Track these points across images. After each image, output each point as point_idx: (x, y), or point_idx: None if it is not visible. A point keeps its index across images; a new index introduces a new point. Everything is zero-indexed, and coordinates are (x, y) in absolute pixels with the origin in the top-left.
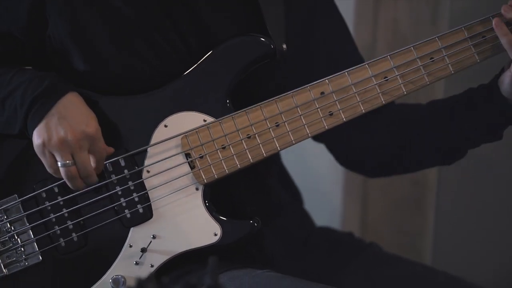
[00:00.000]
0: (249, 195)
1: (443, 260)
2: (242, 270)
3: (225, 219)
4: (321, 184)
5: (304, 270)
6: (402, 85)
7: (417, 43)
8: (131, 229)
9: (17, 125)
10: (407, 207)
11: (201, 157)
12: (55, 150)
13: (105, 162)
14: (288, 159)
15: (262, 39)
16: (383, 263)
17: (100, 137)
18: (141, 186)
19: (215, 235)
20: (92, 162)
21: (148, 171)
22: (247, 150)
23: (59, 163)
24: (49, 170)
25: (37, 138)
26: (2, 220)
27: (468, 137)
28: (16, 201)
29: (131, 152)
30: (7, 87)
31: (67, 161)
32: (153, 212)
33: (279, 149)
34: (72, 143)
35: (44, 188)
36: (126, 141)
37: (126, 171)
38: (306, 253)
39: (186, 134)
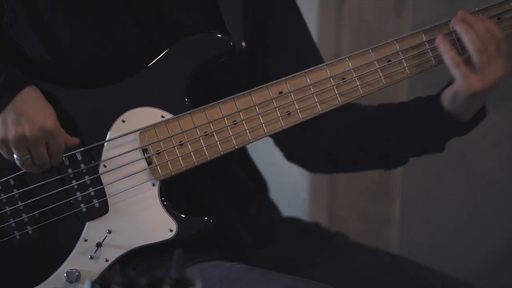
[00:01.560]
0: (215, 187)
1: (410, 248)
2: (211, 262)
3: (181, 215)
4: (288, 173)
5: (272, 261)
6: (359, 86)
7: (376, 45)
8: (87, 223)
9: None
10: (374, 195)
11: (158, 153)
12: (12, 145)
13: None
14: (254, 149)
15: (221, 36)
16: (350, 252)
17: (57, 132)
18: (98, 181)
19: (171, 231)
20: (49, 155)
21: (105, 166)
22: (204, 148)
23: (15, 156)
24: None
25: None
26: None
27: (409, 146)
28: None
29: (87, 147)
30: None
31: (24, 156)
32: (109, 207)
33: (236, 147)
34: (29, 139)
35: None
36: (83, 134)
37: (82, 165)
38: (274, 243)
39: (143, 129)
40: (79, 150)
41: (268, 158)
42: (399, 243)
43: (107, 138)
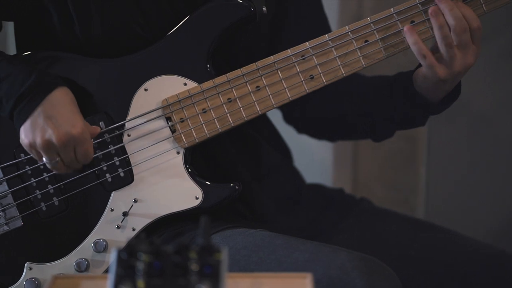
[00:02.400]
0: (239, 155)
1: (435, 215)
2: (236, 229)
3: (206, 182)
4: (311, 141)
5: (296, 228)
6: (382, 48)
7: (397, 7)
8: (112, 193)
9: (4, 113)
10: (399, 162)
11: (182, 121)
12: (41, 150)
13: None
14: (278, 117)
15: (241, 1)
16: (375, 218)
17: (85, 138)
18: (122, 150)
19: (197, 198)
20: (78, 158)
21: (128, 135)
22: (228, 114)
23: (44, 160)
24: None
25: (23, 138)
26: None
27: (391, 120)
28: None
29: (112, 126)
30: None
31: (54, 160)
32: (134, 176)
33: (260, 112)
34: (57, 145)
35: (27, 156)
36: (106, 104)
37: (106, 135)
38: (298, 211)
39: (166, 98)
40: (105, 129)
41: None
42: (425, 210)
43: (130, 107)
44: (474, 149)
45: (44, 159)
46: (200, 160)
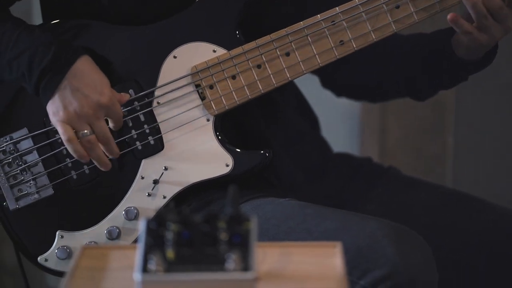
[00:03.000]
0: (267, 123)
1: (463, 184)
2: (264, 199)
3: (236, 149)
4: (338, 110)
5: (324, 197)
6: (414, 13)
7: None
8: (143, 161)
9: (29, 90)
10: (426, 130)
11: (211, 88)
12: (71, 123)
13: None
14: (304, 85)
15: None
16: (403, 187)
17: (114, 102)
18: (152, 118)
19: (227, 165)
20: (110, 126)
21: (158, 103)
22: (257, 81)
23: (78, 134)
24: (64, 141)
25: (52, 113)
26: (13, 153)
27: (433, 77)
28: (27, 134)
29: (141, 93)
30: (13, 48)
31: (85, 131)
32: (164, 144)
33: (289, 79)
34: (88, 114)
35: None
36: (135, 72)
37: (136, 103)
38: (326, 180)
39: (195, 64)
40: (134, 96)
41: (319, 95)
42: (452, 179)
43: (159, 75)
44: (502, 117)
45: (77, 133)
46: (229, 127)
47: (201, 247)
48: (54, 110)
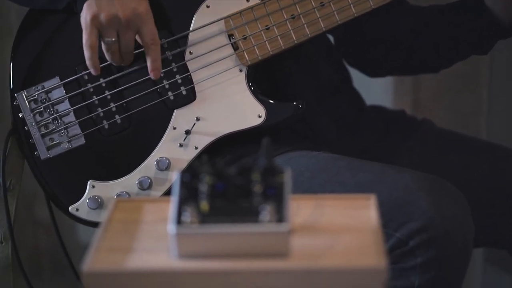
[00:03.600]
0: (299, 76)
1: (497, 138)
2: (298, 152)
3: (269, 100)
4: None
5: (357, 150)
6: None
7: None
8: (175, 111)
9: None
10: (460, 83)
11: (245, 38)
12: (102, 25)
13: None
14: None
15: None
16: (438, 140)
17: (150, 18)
18: (184, 68)
19: (259, 116)
20: (145, 39)
21: (191, 53)
22: (291, 31)
23: (103, 40)
24: (85, 44)
25: (86, 12)
26: (45, 103)
27: (453, 46)
28: (58, 83)
29: (174, 37)
30: None
31: (112, 39)
32: (197, 94)
33: (324, 29)
34: (121, 20)
35: (87, 71)
36: (167, 22)
37: (168, 52)
38: (359, 133)
39: (229, 14)
40: (166, 40)
41: None
42: (486, 132)
43: (192, 24)
44: None
45: (103, 35)
46: (262, 78)
47: (235, 199)
48: (87, 11)
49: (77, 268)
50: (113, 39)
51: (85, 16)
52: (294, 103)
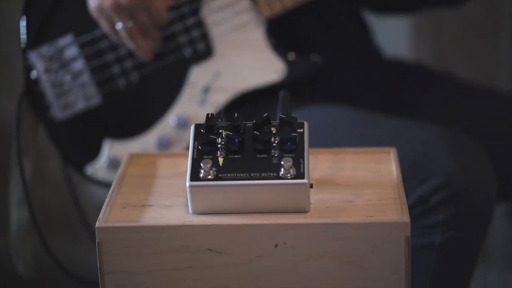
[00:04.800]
0: (318, 30)
1: None
2: (315, 106)
3: (288, 55)
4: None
5: (377, 103)
6: None
7: None
8: (193, 67)
9: None
10: (480, 31)
11: None
12: (109, 14)
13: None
14: None
15: None
16: (458, 91)
17: None
18: (202, 23)
19: (278, 71)
20: (151, 20)
21: (208, 7)
22: None
23: (118, 26)
24: (108, 34)
25: (92, 2)
26: (59, 61)
27: None
28: (73, 41)
29: None
30: None
31: (120, 24)
32: (215, 50)
33: None
34: (126, 5)
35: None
36: None
37: (185, 7)
38: (378, 86)
39: None
40: None
41: None
42: (508, 83)
43: None
44: None
45: (117, 25)
46: (281, 33)
47: (252, 153)
48: (91, 2)
49: (91, 227)
50: (130, 24)
51: (91, 7)
52: (313, 57)
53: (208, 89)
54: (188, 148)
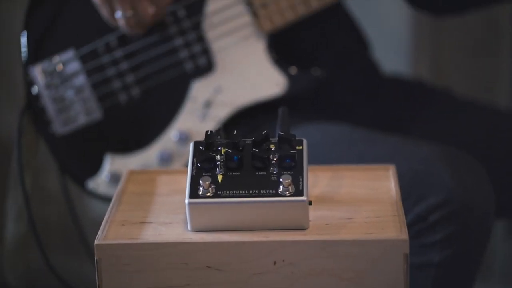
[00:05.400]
0: (318, 45)
1: None
2: (314, 124)
3: (288, 70)
4: (390, 27)
5: (376, 121)
6: None
7: None
8: (194, 81)
9: None
10: (480, 48)
11: (264, 5)
12: (112, 1)
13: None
14: (355, 5)
15: None
16: (458, 108)
17: None
18: (203, 37)
19: (279, 85)
20: (153, 10)
21: (209, 21)
22: None
23: (117, 15)
24: (109, 21)
25: None
26: (60, 76)
27: None
28: (74, 55)
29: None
30: None
31: (127, 12)
32: (216, 64)
33: None
34: None
35: (103, 41)
36: None
37: (185, 21)
38: (377, 103)
39: None
40: (182, 5)
41: (370, 14)
42: (508, 100)
43: None
44: None
45: (116, 14)
46: (281, 48)
47: (251, 170)
48: None
49: (90, 243)
50: (129, 12)
51: None
52: (313, 72)
53: (209, 103)
54: (187, 165)
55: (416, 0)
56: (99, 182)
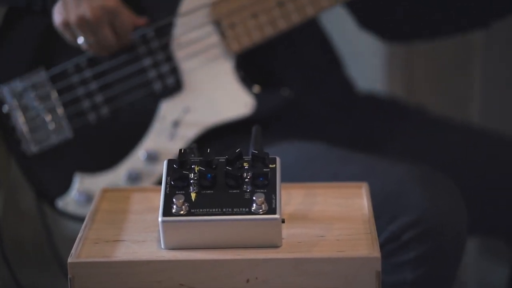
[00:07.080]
0: (287, 63)
1: (491, 123)
2: (288, 142)
3: (257, 89)
4: (363, 46)
5: (349, 138)
6: None
7: None
8: (162, 101)
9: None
10: (453, 67)
11: (232, 26)
12: (75, 28)
13: (132, 33)
14: (327, 22)
15: None
16: (431, 126)
17: (120, 9)
18: (171, 57)
19: (247, 105)
20: (115, 36)
21: (177, 42)
22: (279, 17)
23: (79, 41)
24: (73, 45)
25: (56, 17)
26: (30, 95)
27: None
28: (44, 75)
29: (158, 23)
30: None
31: (88, 39)
32: (184, 84)
33: (314, 14)
34: (91, 20)
35: (72, 62)
36: (153, 9)
37: (154, 42)
38: (351, 120)
39: (215, 1)
40: (149, 27)
41: (342, 31)
42: (479, 117)
43: (177, 12)
44: None
45: (78, 40)
46: (250, 67)
47: (225, 188)
48: (56, 16)
49: (63, 261)
50: (90, 39)
51: (56, 22)
52: (282, 91)
53: (178, 123)
54: (161, 183)
55: (385, 33)
56: (68, 201)
